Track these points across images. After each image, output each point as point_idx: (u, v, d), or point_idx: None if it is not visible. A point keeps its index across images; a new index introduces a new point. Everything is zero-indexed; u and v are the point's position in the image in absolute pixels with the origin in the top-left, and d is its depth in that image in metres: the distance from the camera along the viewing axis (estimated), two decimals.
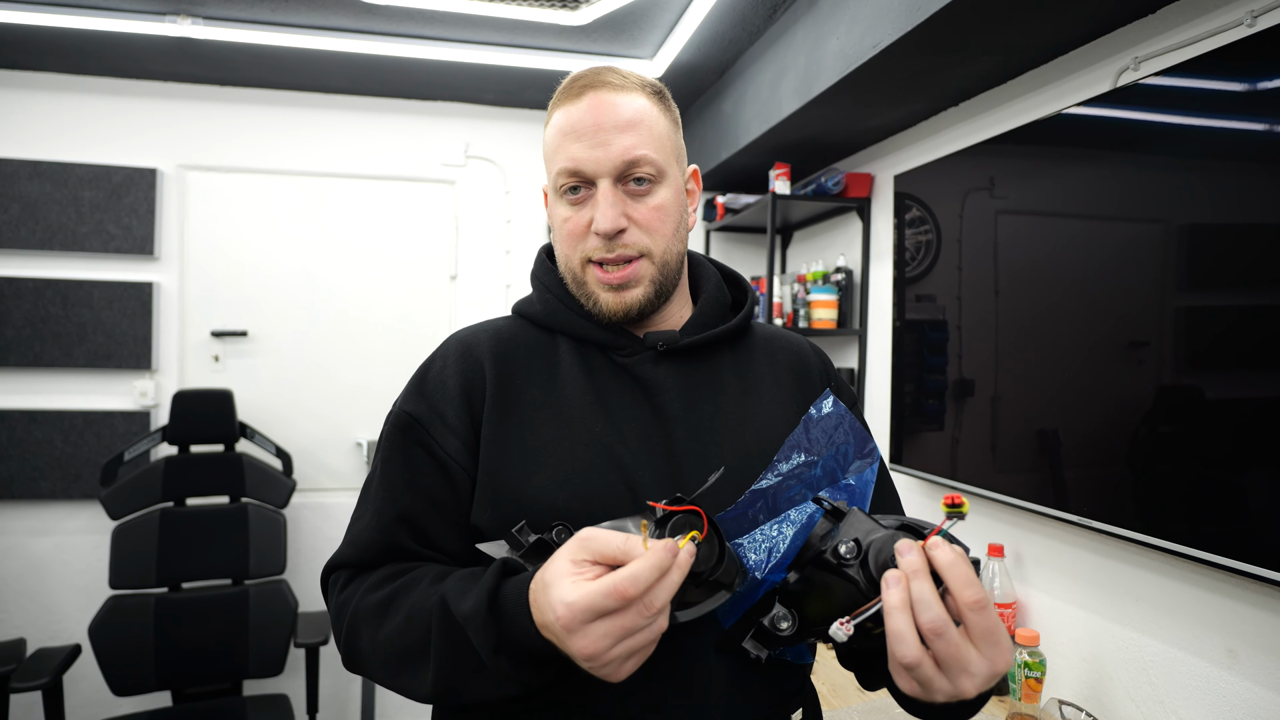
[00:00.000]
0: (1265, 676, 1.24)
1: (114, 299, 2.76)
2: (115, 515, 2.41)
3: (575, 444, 0.82)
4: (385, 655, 0.75)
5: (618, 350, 0.88)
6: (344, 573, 0.84)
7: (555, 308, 0.90)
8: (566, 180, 0.83)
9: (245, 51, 2.51)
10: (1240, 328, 1.21)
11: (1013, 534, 1.81)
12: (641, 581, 0.61)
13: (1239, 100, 1.22)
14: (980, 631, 0.59)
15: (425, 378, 0.87)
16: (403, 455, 0.84)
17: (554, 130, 0.85)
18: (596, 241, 0.83)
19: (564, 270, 0.89)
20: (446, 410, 0.84)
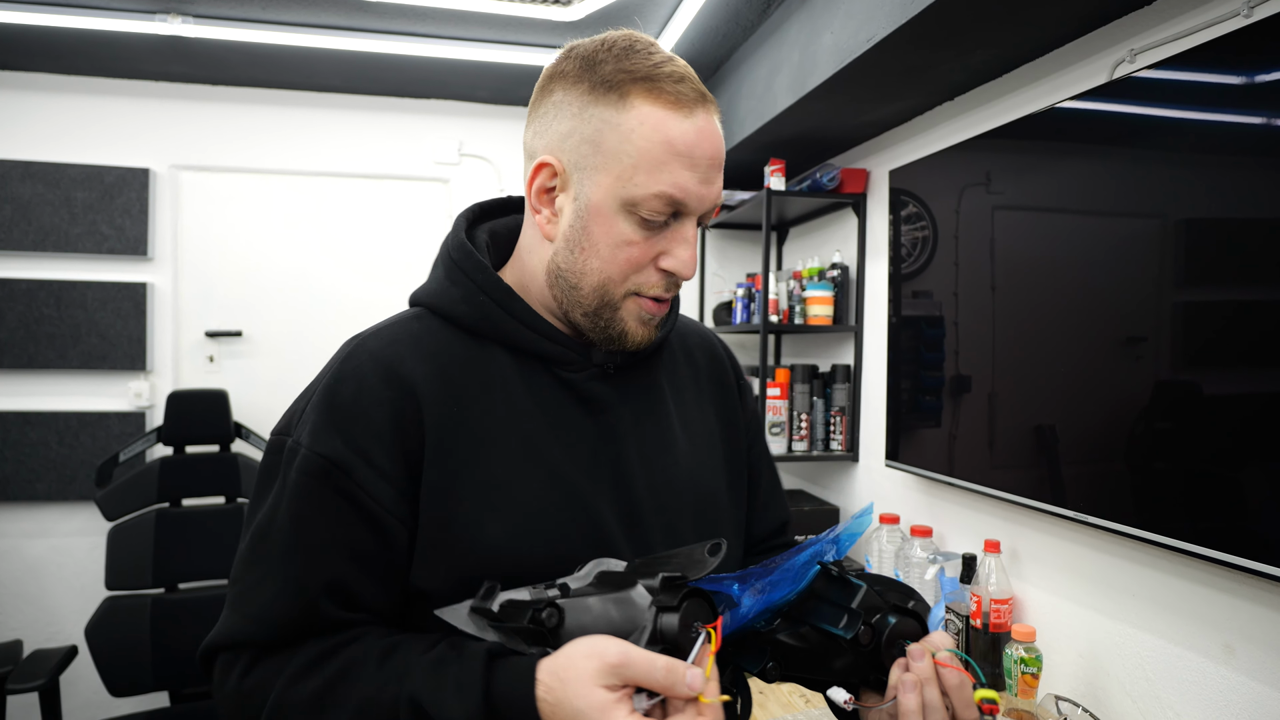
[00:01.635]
0: (1262, 672, 1.23)
1: (108, 300, 2.75)
2: (111, 516, 2.40)
3: (532, 480, 0.72)
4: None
5: (564, 365, 0.78)
6: (243, 654, 0.67)
7: (491, 313, 0.76)
8: (663, 208, 0.71)
9: (237, 50, 2.50)
10: (1238, 323, 1.20)
11: (1009, 530, 1.81)
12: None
13: (1236, 93, 1.21)
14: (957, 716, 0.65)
15: (336, 405, 0.70)
16: (319, 507, 0.68)
17: (657, 138, 0.69)
18: (658, 278, 0.75)
19: (589, 288, 0.74)
20: (373, 449, 0.68)
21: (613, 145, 0.70)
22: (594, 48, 0.73)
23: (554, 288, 0.77)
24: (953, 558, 1.91)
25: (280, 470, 0.70)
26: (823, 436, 2.56)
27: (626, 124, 0.70)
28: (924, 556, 1.99)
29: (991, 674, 1.66)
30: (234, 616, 0.68)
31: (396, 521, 0.69)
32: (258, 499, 0.72)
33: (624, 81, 0.70)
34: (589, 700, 0.55)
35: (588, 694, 0.55)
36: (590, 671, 0.56)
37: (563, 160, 0.73)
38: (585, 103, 0.71)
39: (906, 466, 2.09)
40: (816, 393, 2.56)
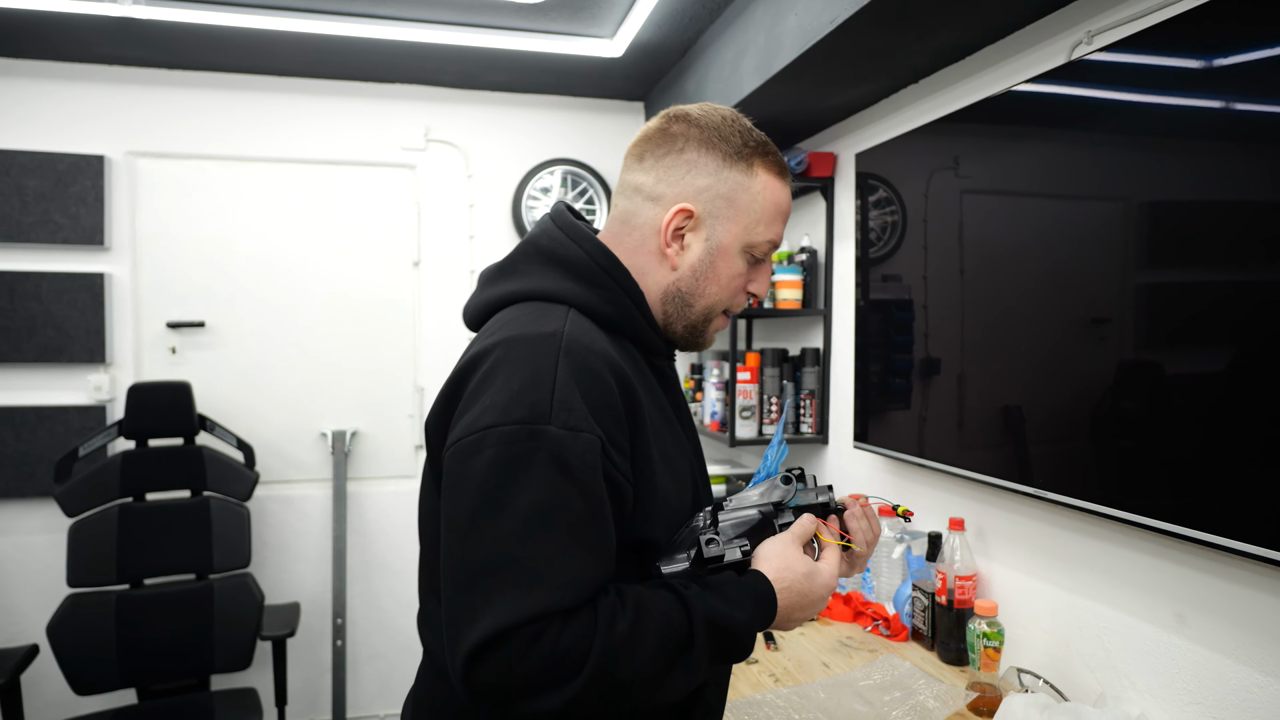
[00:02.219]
0: (1213, 639, 1.27)
1: (63, 291, 2.68)
2: (71, 512, 2.36)
3: (680, 447, 0.97)
4: (647, 675, 0.76)
5: (655, 354, 1.00)
6: (552, 621, 0.73)
7: (633, 315, 0.94)
8: (768, 250, 0.97)
9: (193, 33, 2.44)
10: (1199, 303, 1.23)
11: (975, 508, 1.84)
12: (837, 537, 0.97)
13: (1194, 76, 1.23)
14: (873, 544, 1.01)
15: (590, 393, 0.80)
16: (602, 482, 0.79)
17: (771, 200, 0.95)
18: (743, 299, 1.00)
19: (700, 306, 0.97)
20: (615, 432, 0.82)
21: (744, 202, 0.94)
22: (716, 120, 0.95)
23: (668, 304, 0.97)
24: (919, 537, 1.94)
25: (547, 458, 0.75)
26: (793, 420, 2.57)
27: (754, 187, 0.94)
28: (891, 536, 2.02)
29: (957, 649, 1.69)
30: (535, 591, 0.73)
31: (630, 487, 0.84)
32: (513, 483, 0.75)
33: (751, 154, 0.94)
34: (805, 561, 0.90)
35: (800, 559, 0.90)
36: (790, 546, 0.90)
37: (698, 209, 0.93)
38: (721, 166, 0.93)
39: (875, 448, 2.11)
40: (786, 376, 2.57)
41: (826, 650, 1.79)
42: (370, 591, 3.03)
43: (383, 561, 3.06)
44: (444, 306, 3.10)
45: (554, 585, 0.73)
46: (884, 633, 1.87)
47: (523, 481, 0.75)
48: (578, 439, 0.76)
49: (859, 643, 1.83)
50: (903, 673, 1.65)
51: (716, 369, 2.75)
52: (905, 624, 1.86)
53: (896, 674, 1.64)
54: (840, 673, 1.66)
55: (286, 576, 2.95)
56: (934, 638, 1.76)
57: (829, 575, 0.90)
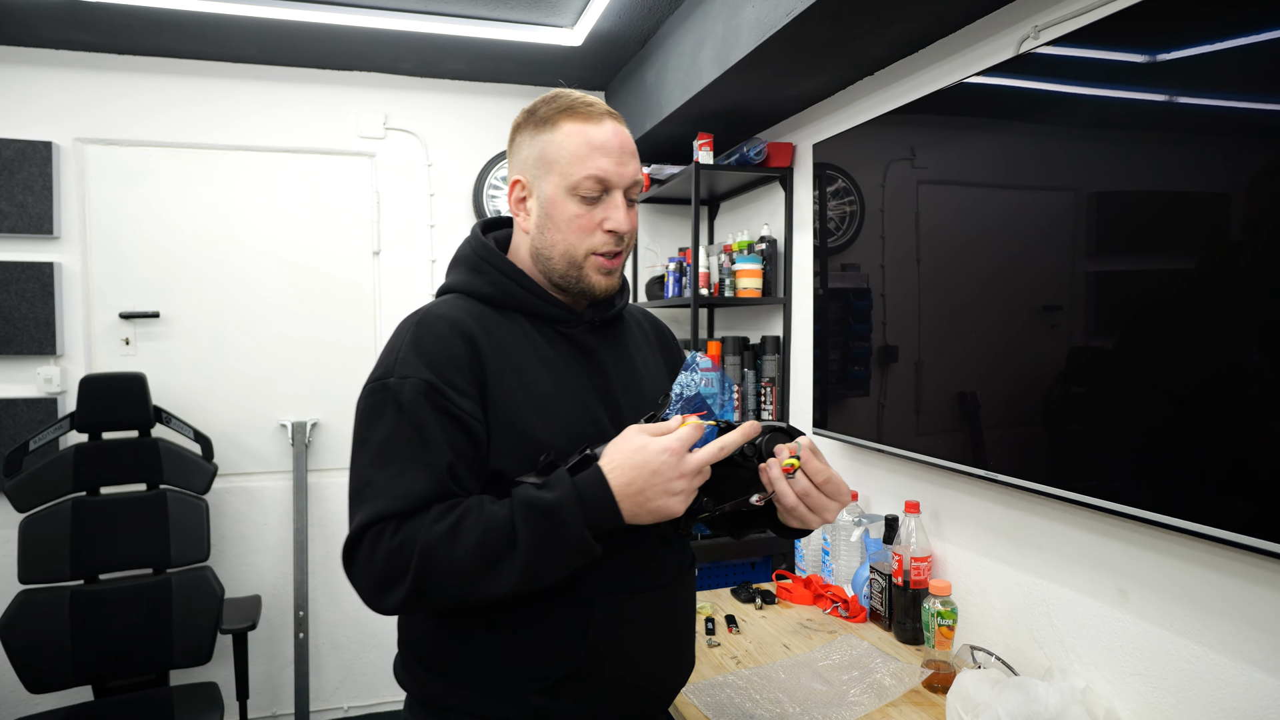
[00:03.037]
0: (1152, 613, 1.32)
1: (10, 281, 2.61)
2: (22, 508, 2.30)
3: (561, 397, 1.05)
4: (467, 568, 0.89)
5: (562, 323, 1.10)
6: (390, 523, 0.92)
7: (513, 290, 1.08)
8: (594, 186, 1.03)
9: (142, 16, 2.38)
10: (1145, 291, 1.27)
11: (930, 491, 1.88)
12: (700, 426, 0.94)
13: (1135, 69, 1.27)
14: (829, 491, 1.00)
15: (424, 350, 0.98)
16: (433, 417, 0.95)
17: (577, 141, 1.03)
18: (605, 238, 1.06)
19: (558, 255, 1.06)
20: (455, 378, 0.97)
21: (553, 154, 1.05)
22: (534, 103, 1.08)
23: (538, 264, 1.09)
24: (877, 520, 1.98)
25: (389, 402, 0.97)
26: (754, 407, 2.61)
27: (558, 139, 1.04)
28: (849, 520, 2.06)
29: (912, 628, 1.73)
30: (376, 502, 0.93)
31: (478, 424, 0.98)
32: (370, 425, 0.98)
33: (554, 115, 1.05)
34: (635, 440, 0.92)
35: (633, 438, 0.93)
36: (627, 435, 0.94)
37: (525, 176, 1.08)
38: (533, 137, 1.07)
39: (835, 434, 2.15)
40: (747, 364, 2.60)
41: (787, 632, 1.82)
42: (332, 583, 3.01)
43: None
44: (405, 296, 3.07)
45: (391, 496, 0.93)
46: (843, 614, 1.91)
47: (374, 423, 0.97)
48: (405, 383, 0.96)
49: (819, 624, 1.87)
50: (860, 652, 1.69)
51: None
52: (863, 605, 1.90)
53: (854, 654, 1.69)
54: (800, 653, 1.70)
55: (247, 569, 2.92)
56: (891, 618, 1.81)
57: (667, 441, 0.90)
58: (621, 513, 0.91)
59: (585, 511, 0.90)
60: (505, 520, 0.90)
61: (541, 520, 0.89)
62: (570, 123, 1.04)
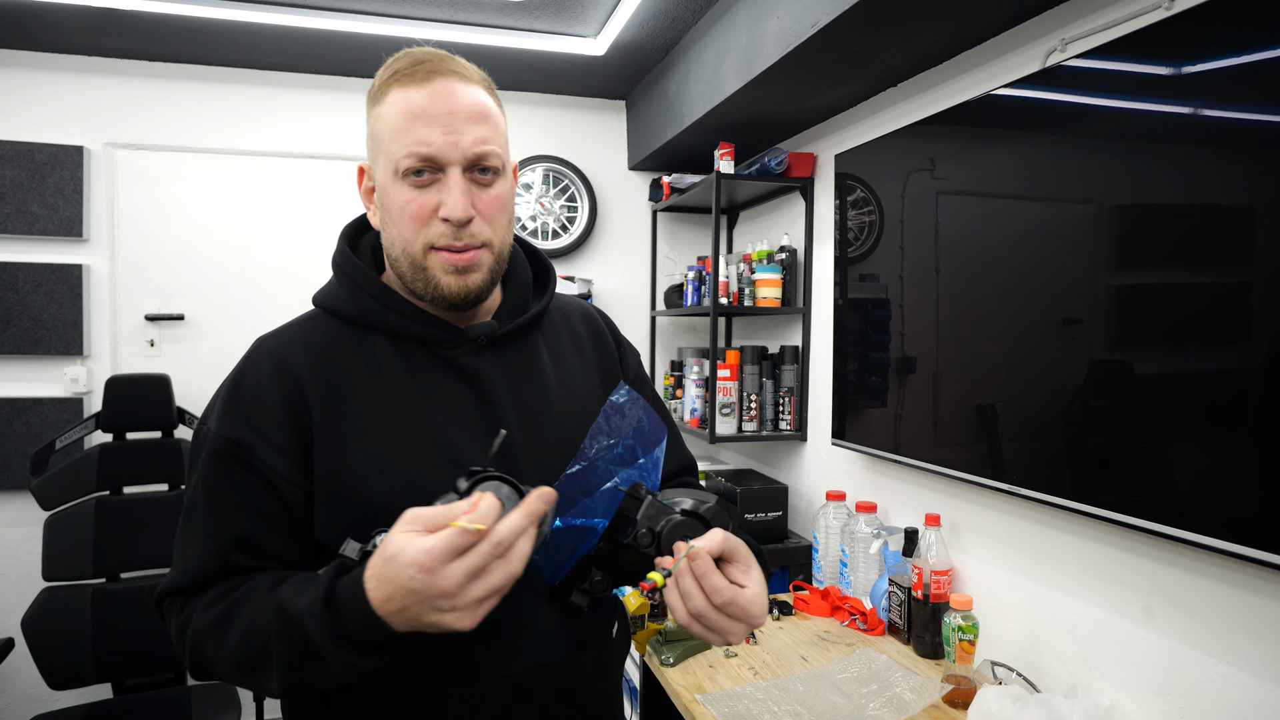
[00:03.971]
0: (1179, 631, 1.30)
1: (41, 282, 2.65)
2: (47, 505, 2.33)
3: (414, 446, 0.85)
4: (231, 664, 0.78)
5: (439, 344, 0.90)
6: (178, 599, 0.84)
7: (370, 306, 0.89)
8: (415, 164, 0.82)
9: (173, 24, 2.42)
10: (1167, 305, 1.26)
11: (950, 504, 1.87)
12: (488, 517, 0.68)
13: (1161, 82, 1.27)
14: (734, 613, 0.77)
15: (238, 396, 0.84)
16: (228, 479, 0.82)
17: (397, 110, 0.83)
18: (442, 228, 0.84)
19: (399, 254, 0.86)
20: (269, 429, 0.82)
21: (378, 131, 0.86)
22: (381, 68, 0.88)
23: (393, 267, 0.89)
24: (896, 532, 1.97)
25: (198, 454, 0.85)
26: (772, 417, 2.60)
27: (381, 111, 0.85)
28: (868, 532, 2.05)
29: (932, 642, 1.72)
30: (173, 572, 0.84)
31: (291, 486, 0.83)
32: (187, 479, 0.87)
33: (386, 86, 0.85)
34: (393, 541, 0.68)
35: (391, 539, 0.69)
36: (397, 531, 0.69)
37: (367, 162, 0.90)
38: (369, 110, 0.88)
39: (853, 445, 2.14)
40: (766, 374, 2.60)
41: (804, 644, 1.82)
42: None
43: None
44: None
45: (179, 569, 0.84)
46: (861, 627, 1.90)
47: (189, 476, 0.87)
48: (207, 439, 0.84)
49: (836, 636, 1.86)
50: (879, 666, 1.68)
51: (696, 366, 2.78)
52: (882, 618, 1.89)
53: (873, 667, 1.68)
54: (818, 665, 1.69)
55: None
56: (910, 631, 1.79)
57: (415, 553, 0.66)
58: (391, 628, 0.70)
59: (336, 627, 0.71)
60: (264, 622, 0.75)
61: (289, 633, 0.73)
62: (396, 90, 0.84)
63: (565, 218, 3.19)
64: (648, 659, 1.80)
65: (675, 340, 3.35)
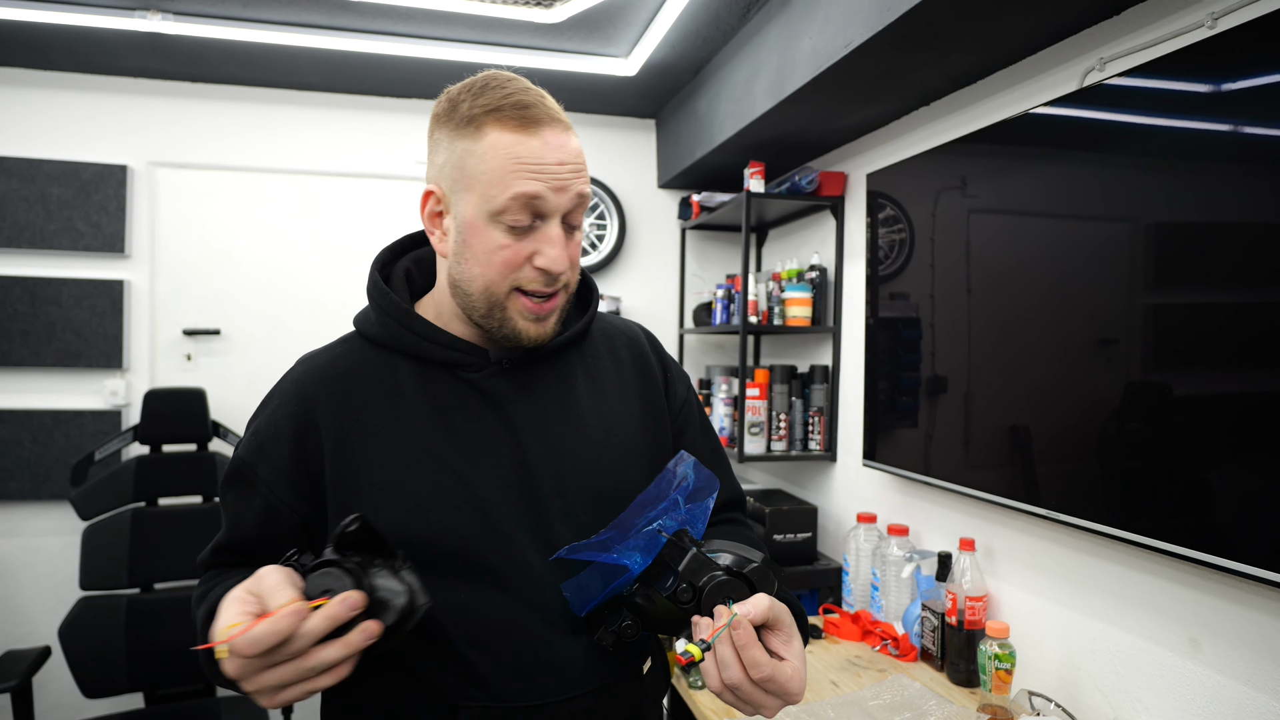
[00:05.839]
0: (1227, 665, 1.26)
1: (83, 297, 2.72)
2: (86, 516, 2.37)
3: (423, 471, 0.85)
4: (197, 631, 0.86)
5: (464, 368, 0.90)
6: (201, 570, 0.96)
7: (394, 331, 0.91)
8: (521, 213, 0.82)
9: (216, 47, 2.48)
10: (1207, 325, 1.24)
11: (984, 528, 1.84)
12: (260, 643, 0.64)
13: (1202, 101, 1.25)
14: (772, 689, 0.73)
15: (263, 417, 0.91)
16: (235, 495, 0.90)
17: (502, 155, 0.81)
18: (534, 274, 0.85)
19: (477, 291, 0.85)
20: (275, 455, 0.87)
21: (473, 168, 0.82)
22: (458, 91, 0.86)
23: (455, 296, 0.89)
24: (929, 556, 1.94)
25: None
26: (801, 436, 2.58)
27: (479, 150, 0.82)
28: (900, 555, 2.02)
29: (967, 670, 1.69)
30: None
31: (287, 510, 0.87)
32: None
33: (478, 115, 0.82)
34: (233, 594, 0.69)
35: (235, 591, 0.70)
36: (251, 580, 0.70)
37: (442, 186, 0.86)
38: (453, 137, 0.84)
39: (884, 466, 2.11)
40: (795, 393, 2.58)
41: (835, 669, 1.79)
42: None
43: None
44: None
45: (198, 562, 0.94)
46: (892, 652, 1.87)
47: None
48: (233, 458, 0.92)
49: (868, 662, 1.83)
50: (913, 693, 1.65)
51: (725, 384, 2.76)
52: (914, 644, 1.85)
53: (906, 694, 1.64)
54: (849, 691, 1.66)
55: None
56: (943, 658, 1.76)
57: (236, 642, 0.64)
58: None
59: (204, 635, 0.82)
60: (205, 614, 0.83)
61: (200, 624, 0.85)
62: (497, 129, 0.81)
63: (594, 235, 3.21)
64: (676, 681, 1.78)
65: (703, 358, 3.35)
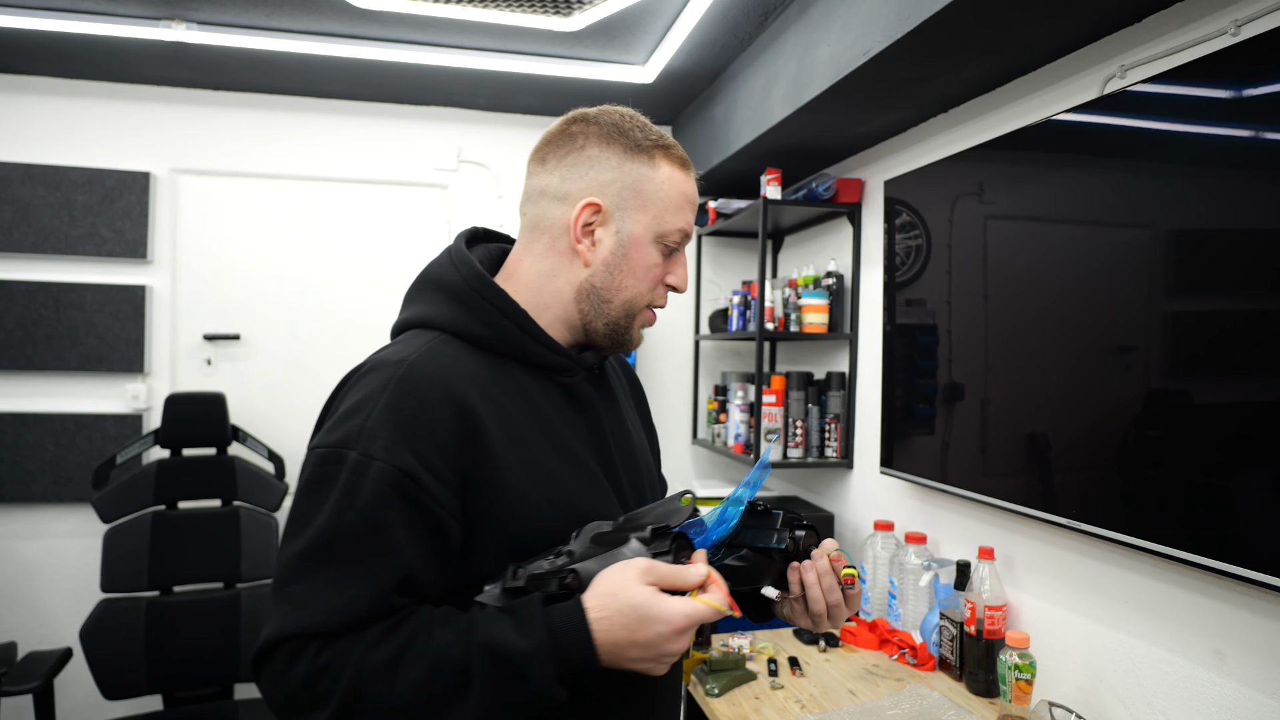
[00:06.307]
0: (1253, 678, 1.25)
1: (106, 302, 2.75)
2: (107, 518, 2.40)
3: (565, 470, 0.90)
4: (407, 703, 0.73)
5: (561, 372, 0.95)
6: (314, 641, 0.75)
7: (513, 334, 0.91)
8: (679, 239, 0.96)
9: (239, 56, 2.52)
10: (1228, 332, 1.23)
11: (1003, 537, 1.82)
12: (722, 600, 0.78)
13: (1225, 107, 1.24)
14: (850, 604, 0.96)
15: (403, 420, 0.79)
16: (397, 513, 0.77)
17: (676, 190, 0.94)
18: (664, 292, 0.98)
19: (619, 301, 0.94)
20: (437, 462, 0.79)
21: (650, 192, 0.93)
22: (615, 117, 0.94)
23: (583, 302, 0.94)
24: (947, 564, 1.92)
25: (343, 479, 0.78)
26: (818, 444, 2.57)
27: (658, 177, 0.93)
28: (918, 563, 2.00)
29: (986, 680, 1.67)
30: (301, 611, 0.75)
31: (454, 522, 0.81)
32: (314, 505, 0.78)
33: (652, 147, 0.93)
34: (641, 594, 0.75)
35: (636, 590, 0.75)
36: (632, 578, 0.76)
37: (605, 202, 0.92)
38: (622, 159, 0.92)
39: (901, 473, 2.11)
40: (811, 400, 2.57)
41: (852, 677, 1.78)
42: None
43: None
44: None
45: (320, 609, 0.74)
46: (910, 661, 1.86)
47: (319, 503, 0.78)
48: (371, 467, 0.77)
49: (885, 671, 1.82)
50: (931, 703, 1.64)
51: (741, 391, 2.76)
52: (932, 653, 1.84)
53: (925, 704, 1.63)
54: (867, 700, 1.65)
55: None
56: (962, 668, 1.75)
57: (672, 616, 0.74)
58: (599, 664, 0.76)
59: (559, 664, 0.74)
60: (458, 661, 0.74)
61: (505, 672, 0.73)
62: (669, 165, 0.94)
63: None
64: (692, 688, 1.78)
65: (719, 365, 3.35)
